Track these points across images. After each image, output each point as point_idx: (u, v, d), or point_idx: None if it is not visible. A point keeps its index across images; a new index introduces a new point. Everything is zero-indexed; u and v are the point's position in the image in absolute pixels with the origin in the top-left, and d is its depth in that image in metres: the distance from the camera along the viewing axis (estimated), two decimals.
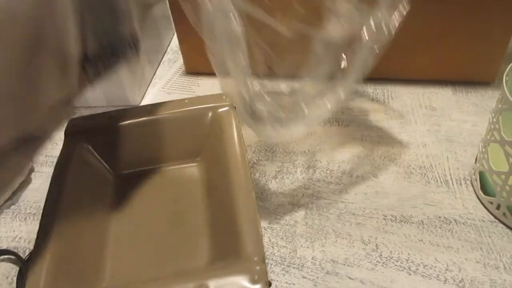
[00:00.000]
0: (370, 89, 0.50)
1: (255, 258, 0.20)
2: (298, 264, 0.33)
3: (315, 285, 0.32)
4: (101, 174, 0.28)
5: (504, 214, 0.34)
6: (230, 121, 0.27)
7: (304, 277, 0.33)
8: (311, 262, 0.34)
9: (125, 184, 0.29)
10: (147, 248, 0.25)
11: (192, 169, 0.29)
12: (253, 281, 0.19)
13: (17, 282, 0.34)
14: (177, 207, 0.27)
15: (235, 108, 0.29)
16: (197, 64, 0.54)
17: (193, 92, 0.52)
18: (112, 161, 0.29)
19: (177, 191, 0.28)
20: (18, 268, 0.35)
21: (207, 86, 0.53)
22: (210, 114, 0.28)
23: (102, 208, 0.27)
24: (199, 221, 0.25)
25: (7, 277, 0.35)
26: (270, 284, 0.19)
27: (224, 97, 0.29)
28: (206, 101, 0.29)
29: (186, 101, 0.29)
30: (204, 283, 0.19)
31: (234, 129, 0.27)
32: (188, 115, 0.28)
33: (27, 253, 0.37)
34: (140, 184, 0.29)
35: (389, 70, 0.50)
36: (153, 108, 0.29)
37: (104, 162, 0.28)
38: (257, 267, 0.19)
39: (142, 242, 0.25)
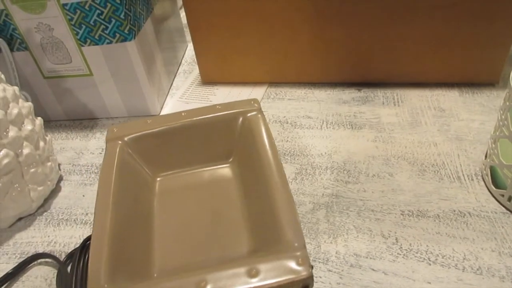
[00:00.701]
0: (380, 93, 0.52)
1: (296, 244, 0.22)
2: (323, 259, 0.35)
3: (340, 277, 0.34)
4: (142, 176, 0.30)
5: None
6: (259, 124, 0.30)
7: (329, 271, 0.34)
8: (335, 257, 0.35)
9: (163, 185, 0.31)
10: (190, 242, 0.27)
11: (225, 170, 0.31)
12: (299, 264, 0.21)
13: (56, 284, 0.36)
14: (214, 204, 0.29)
15: (262, 111, 0.31)
16: (213, 75, 0.57)
17: (210, 101, 0.55)
18: (150, 164, 0.31)
19: (213, 189, 0.30)
20: (56, 271, 0.37)
21: (223, 95, 0.55)
22: (240, 118, 0.31)
23: (145, 207, 0.29)
24: (237, 215, 0.27)
25: (46, 279, 0.37)
26: (312, 267, 0.21)
27: (252, 102, 0.31)
28: (236, 106, 0.31)
29: (218, 106, 0.31)
30: (255, 267, 0.21)
31: (264, 131, 0.29)
32: (220, 119, 0.31)
33: (63, 256, 0.39)
34: (177, 185, 0.31)
35: (398, 74, 0.52)
36: (187, 114, 0.31)
37: (143, 166, 0.30)
38: (299, 252, 0.21)
39: (184, 236, 0.27)
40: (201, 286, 0.20)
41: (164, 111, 0.54)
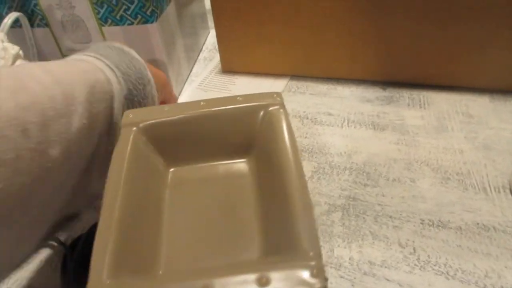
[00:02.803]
0: (406, 93, 0.50)
1: (311, 253, 0.20)
2: (336, 264, 0.34)
3: (352, 285, 0.32)
4: (155, 166, 0.29)
5: None
6: (280, 120, 0.28)
7: (341, 277, 0.33)
8: (349, 263, 0.34)
9: (176, 177, 0.30)
10: (199, 238, 0.26)
11: (241, 165, 0.30)
12: (313, 276, 0.19)
13: (61, 268, 0.35)
14: (228, 200, 0.27)
15: (285, 106, 0.30)
16: (233, 63, 0.55)
17: (230, 90, 0.53)
18: (164, 154, 0.30)
19: (227, 185, 0.28)
20: (62, 255, 0.37)
21: (243, 85, 0.54)
22: (261, 112, 0.29)
23: (156, 199, 0.27)
24: (250, 215, 0.26)
25: (51, 264, 0.36)
26: (327, 279, 0.20)
27: (275, 95, 0.30)
28: (258, 99, 0.29)
29: (239, 98, 0.30)
30: (265, 275, 0.19)
31: (285, 128, 0.27)
32: (240, 112, 0.29)
33: (69, 241, 0.38)
34: (191, 177, 0.30)
35: (427, 75, 0.50)
36: (206, 103, 0.29)
37: (157, 155, 0.29)
38: (314, 262, 0.20)
39: (194, 232, 0.26)
40: None
41: (182, 98, 0.53)
